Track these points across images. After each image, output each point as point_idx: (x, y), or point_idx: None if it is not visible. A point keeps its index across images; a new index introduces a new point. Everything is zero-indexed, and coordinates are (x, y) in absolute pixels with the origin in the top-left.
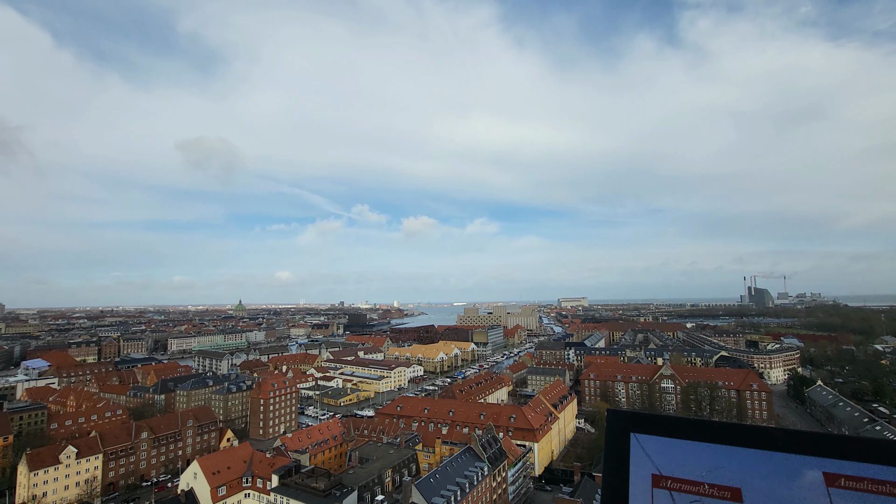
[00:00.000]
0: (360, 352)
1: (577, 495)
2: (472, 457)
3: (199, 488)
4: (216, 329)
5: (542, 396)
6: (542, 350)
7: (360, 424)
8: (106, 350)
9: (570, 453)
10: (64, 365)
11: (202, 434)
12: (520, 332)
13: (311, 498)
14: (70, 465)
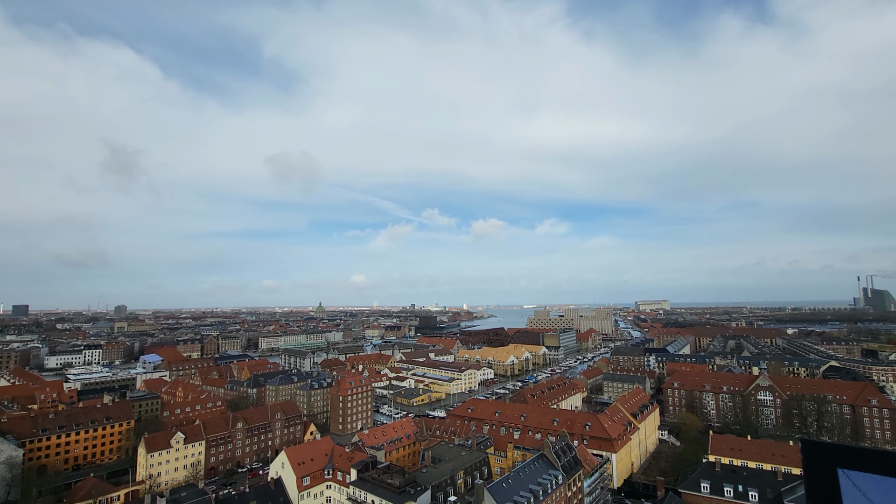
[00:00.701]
0: (431, 353)
1: None
2: (545, 464)
3: (286, 477)
4: (299, 329)
5: (619, 405)
6: (619, 356)
7: (431, 425)
8: (207, 347)
9: (653, 466)
10: (174, 360)
11: (288, 426)
12: (594, 336)
13: (386, 493)
14: (179, 450)
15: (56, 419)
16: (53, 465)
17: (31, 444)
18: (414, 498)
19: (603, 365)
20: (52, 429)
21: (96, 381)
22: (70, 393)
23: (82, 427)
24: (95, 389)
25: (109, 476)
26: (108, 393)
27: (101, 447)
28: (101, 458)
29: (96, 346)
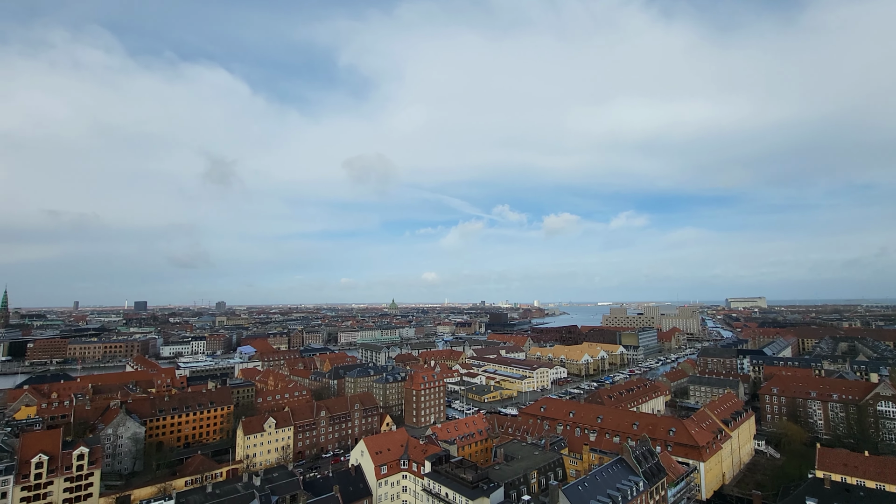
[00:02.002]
0: (501, 350)
1: None
2: (624, 469)
3: (365, 465)
4: (374, 325)
5: (708, 410)
6: (707, 357)
7: (503, 422)
8: (293, 340)
9: (748, 479)
10: (265, 351)
11: (366, 417)
12: (677, 335)
13: (460, 488)
14: (271, 434)
15: (170, 402)
16: (168, 442)
17: (150, 422)
18: (487, 494)
19: (688, 367)
20: (167, 410)
21: (202, 369)
22: (181, 379)
23: (191, 409)
24: (201, 376)
25: (213, 454)
26: (212, 380)
27: (206, 428)
28: (207, 438)
29: (201, 337)
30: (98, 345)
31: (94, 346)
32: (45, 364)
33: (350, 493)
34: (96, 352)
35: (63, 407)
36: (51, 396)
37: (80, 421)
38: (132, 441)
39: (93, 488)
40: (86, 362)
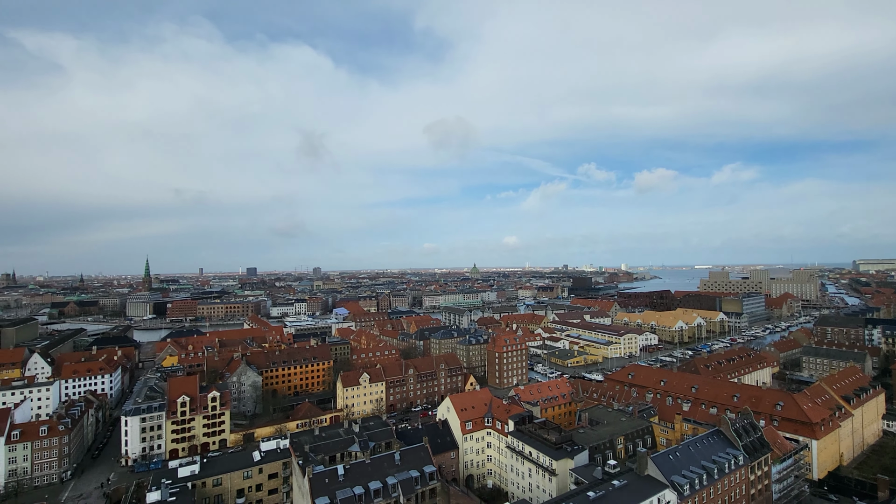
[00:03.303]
0: (585, 315)
1: None
2: (721, 441)
3: (451, 420)
4: (457, 289)
5: (825, 384)
6: (826, 326)
7: (588, 387)
8: (381, 303)
9: (872, 461)
10: (357, 313)
11: (451, 376)
12: (789, 302)
13: (543, 447)
14: (365, 387)
15: (281, 356)
16: (281, 391)
17: (266, 373)
18: (571, 455)
19: (802, 337)
20: (279, 363)
21: (304, 327)
22: (288, 336)
23: (298, 363)
24: (304, 334)
25: (318, 403)
26: (313, 337)
27: (311, 379)
28: (312, 388)
29: (302, 300)
30: (220, 306)
31: (217, 306)
32: (181, 321)
33: (438, 445)
34: (219, 311)
35: (198, 357)
36: (188, 348)
37: (212, 370)
38: (252, 388)
39: (224, 426)
40: (212, 320)
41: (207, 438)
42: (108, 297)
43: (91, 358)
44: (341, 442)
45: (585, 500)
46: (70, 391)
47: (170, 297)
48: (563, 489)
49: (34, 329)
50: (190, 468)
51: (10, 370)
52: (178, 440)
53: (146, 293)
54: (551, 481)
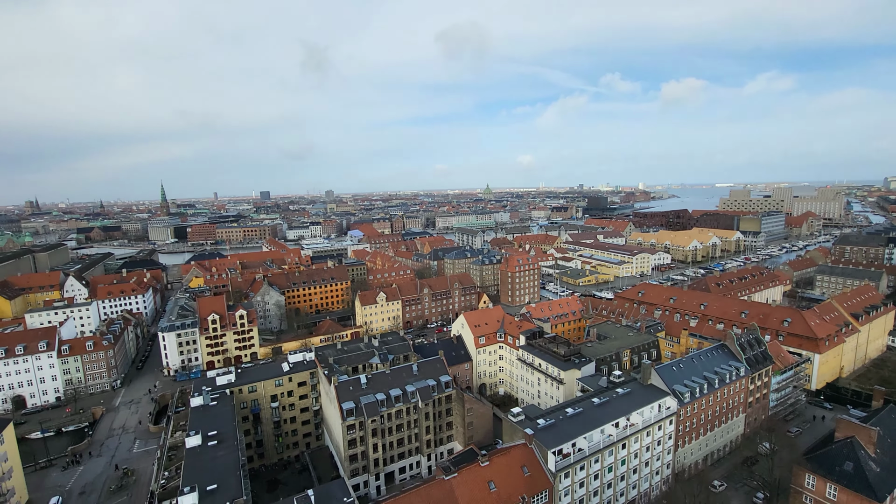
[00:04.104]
0: (599, 235)
1: (874, 423)
2: (725, 354)
3: (465, 335)
4: (470, 210)
5: (836, 302)
6: (846, 245)
7: (598, 304)
8: (395, 224)
9: (871, 374)
10: (371, 235)
11: (465, 295)
12: (811, 221)
13: (552, 360)
14: (382, 305)
15: (300, 276)
16: (303, 309)
17: (287, 293)
18: (578, 367)
19: (819, 256)
20: (299, 283)
21: (321, 250)
22: (306, 258)
23: (317, 283)
24: (321, 256)
25: (338, 320)
26: (330, 259)
27: (330, 298)
28: (332, 307)
29: (317, 223)
30: (238, 229)
31: (235, 230)
32: (202, 245)
33: (453, 358)
34: (238, 235)
35: (222, 279)
36: (211, 270)
37: (236, 290)
38: (276, 307)
39: (254, 340)
40: (231, 243)
41: (239, 352)
42: (129, 223)
43: (122, 280)
44: (362, 355)
45: (590, 405)
46: (108, 310)
47: (188, 221)
48: (570, 396)
49: (65, 254)
50: (226, 377)
51: (50, 292)
52: (213, 353)
53: (165, 218)
54: (559, 389)
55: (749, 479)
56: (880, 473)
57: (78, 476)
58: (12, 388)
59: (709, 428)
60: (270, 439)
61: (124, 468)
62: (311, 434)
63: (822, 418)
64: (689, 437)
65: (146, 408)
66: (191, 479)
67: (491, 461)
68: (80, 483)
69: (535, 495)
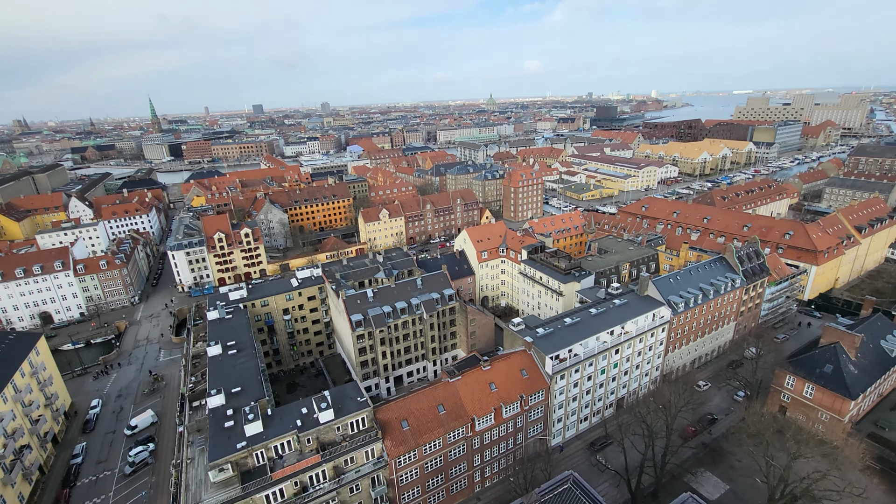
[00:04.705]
0: (606, 148)
1: (860, 330)
2: (723, 267)
3: (468, 250)
4: (472, 122)
5: (841, 215)
6: (861, 156)
7: (600, 219)
8: (395, 139)
9: (865, 285)
10: (371, 150)
11: (467, 211)
12: (829, 131)
13: (553, 273)
14: (385, 222)
15: (301, 194)
16: (307, 227)
17: (290, 210)
18: (578, 280)
19: (831, 167)
20: (301, 201)
21: (320, 166)
22: (305, 175)
23: (319, 201)
24: (321, 173)
25: (343, 237)
26: (330, 176)
27: (333, 216)
28: (335, 224)
29: (314, 138)
30: (234, 146)
31: (231, 146)
32: (199, 162)
33: (456, 272)
34: (234, 152)
35: (223, 197)
36: (211, 189)
37: (238, 208)
38: (280, 225)
39: (261, 258)
40: (228, 161)
41: (248, 269)
42: (122, 141)
43: (125, 200)
44: (368, 270)
45: (588, 315)
46: (115, 231)
47: (182, 138)
48: (569, 308)
49: (63, 175)
50: (239, 293)
51: (55, 213)
52: (223, 270)
53: (158, 135)
54: (558, 301)
55: (732, 379)
56: (857, 375)
57: (112, 382)
58: (37, 305)
59: (699, 335)
60: (286, 348)
61: (154, 374)
62: (323, 343)
63: (807, 325)
64: (679, 343)
65: (166, 321)
66: (216, 382)
67: (492, 365)
68: (116, 388)
69: (533, 394)
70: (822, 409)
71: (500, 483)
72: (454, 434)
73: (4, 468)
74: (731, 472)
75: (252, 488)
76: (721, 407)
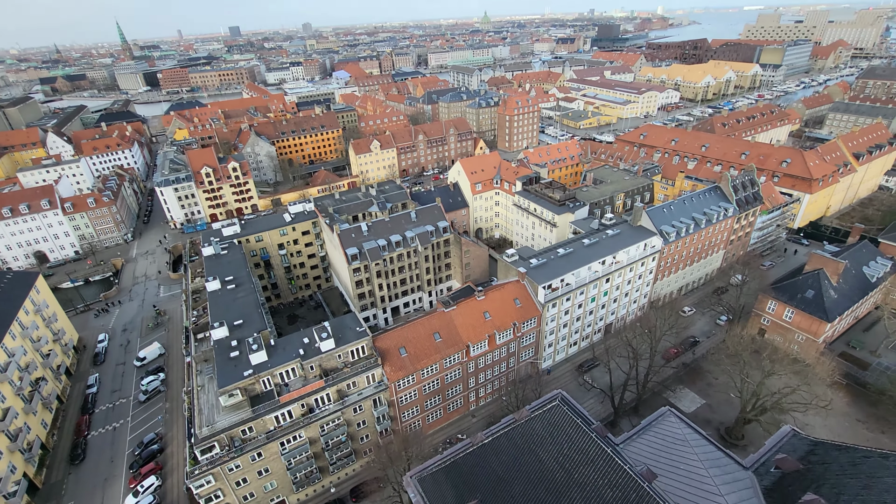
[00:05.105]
0: (606, 71)
1: (844, 257)
2: (717, 196)
3: (461, 182)
4: (465, 44)
5: (841, 142)
6: (869, 79)
7: (597, 148)
8: (384, 63)
9: (855, 212)
10: (359, 76)
11: (461, 141)
12: (840, 51)
13: (547, 204)
14: (376, 154)
15: (288, 125)
16: (296, 160)
17: (277, 142)
18: (572, 211)
19: (837, 91)
20: (288, 132)
21: (306, 94)
22: (291, 104)
23: (307, 133)
24: (307, 101)
25: (333, 170)
26: (317, 105)
27: (323, 148)
28: (325, 157)
29: (298, 63)
30: (213, 73)
31: (210, 74)
32: (178, 92)
33: (450, 204)
34: (214, 80)
35: (206, 129)
36: (193, 121)
37: (223, 141)
38: (268, 158)
39: (251, 193)
40: (208, 90)
41: (239, 204)
42: (93, 70)
43: (105, 135)
44: (361, 204)
45: (580, 245)
46: (98, 167)
47: (157, 66)
48: (563, 239)
49: (36, 108)
50: (232, 228)
51: (34, 150)
52: (214, 206)
53: (131, 63)
54: (552, 232)
55: (716, 305)
56: (837, 299)
57: (116, 318)
58: (30, 245)
59: (688, 263)
60: (283, 282)
61: (157, 309)
62: (320, 276)
63: (794, 252)
64: (668, 271)
65: (162, 258)
66: (218, 316)
67: (486, 295)
68: (121, 323)
69: (525, 322)
70: (799, 332)
71: (493, 402)
72: (450, 359)
73: (24, 398)
74: (708, 388)
75: (262, 410)
76: (703, 330)
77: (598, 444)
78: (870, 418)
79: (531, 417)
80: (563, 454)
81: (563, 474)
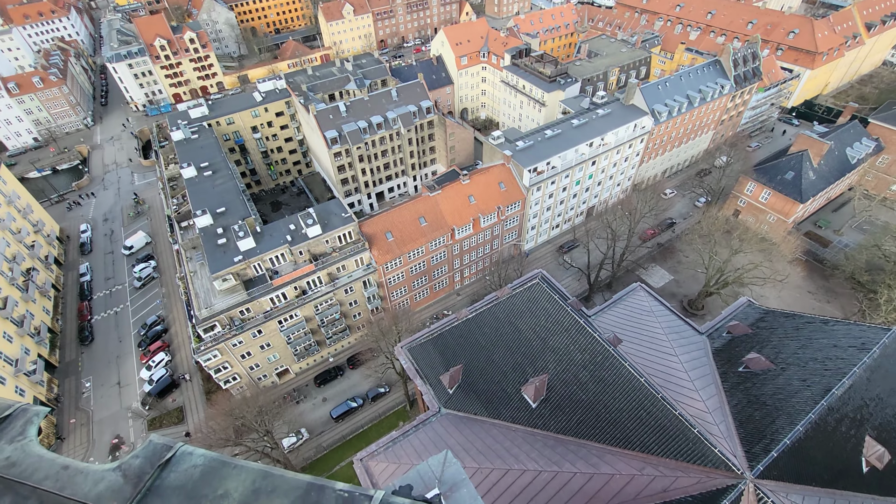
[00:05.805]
0: None
1: (831, 138)
2: (716, 72)
3: (445, 55)
4: None
5: (856, 9)
6: None
7: (595, 14)
8: None
9: (853, 91)
10: None
11: (444, 5)
12: None
13: (537, 80)
14: (350, 21)
15: None
16: (260, 29)
17: (236, 8)
18: (563, 88)
19: None
20: None
21: None
22: None
23: None
24: None
25: (303, 41)
26: None
27: (289, 14)
28: (293, 25)
29: None
30: None
31: None
32: None
33: (433, 81)
34: None
35: None
36: None
37: (174, 6)
38: (228, 26)
39: (215, 68)
40: None
41: (203, 82)
42: None
43: None
44: (337, 81)
45: (569, 127)
46: (35, 40)
47: None
48: (552, 119)
49: None
50: (199, 110)
51: None
52: (175, 85)
53: None
54: (541, 112)
55: (697, 188)
56: (814, 181)
57: (94, 207)
58: None
59: (676, 145)
60: (262, 168)
61: (136, 198)
62: (300, 162)
63: (782, 133)
64: (655, 153)
65: (129, 143)
66: (199, 204)
67: (471, 179)
68: (100, 213)
69: (510, 205)
70: (772, 212)
71: (477, 282)
72: (435, 243)
73: (20, 287)
74: (678, 265)
75: (257, 293)
76: (681, 212)
77: (572, 315)
78: (819, 290)
79: (512, 295)
80: (539, 325)
81: (539, 342)
